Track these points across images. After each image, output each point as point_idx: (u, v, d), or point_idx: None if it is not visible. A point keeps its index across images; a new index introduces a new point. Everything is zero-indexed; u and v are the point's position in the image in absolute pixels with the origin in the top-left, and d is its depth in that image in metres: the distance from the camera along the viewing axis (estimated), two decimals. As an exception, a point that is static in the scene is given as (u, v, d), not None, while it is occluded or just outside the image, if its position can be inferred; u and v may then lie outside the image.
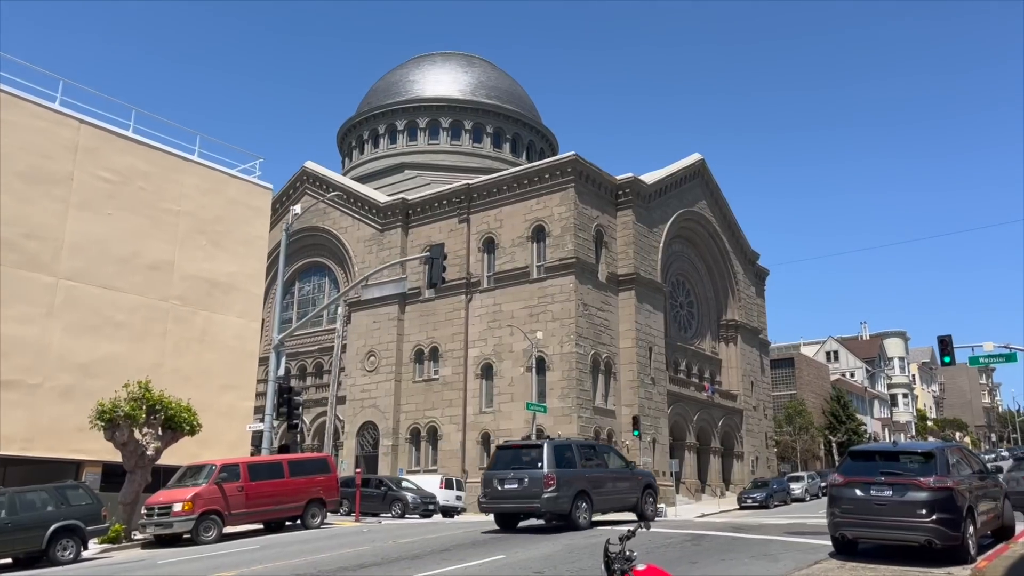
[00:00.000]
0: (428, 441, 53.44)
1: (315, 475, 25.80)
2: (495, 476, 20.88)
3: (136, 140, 29.52)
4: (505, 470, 20.82)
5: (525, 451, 21.51)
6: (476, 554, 15.20)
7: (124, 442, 23.48)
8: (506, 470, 20.80)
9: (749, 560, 13.88)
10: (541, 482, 19.93)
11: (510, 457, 21.43)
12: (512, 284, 52.29)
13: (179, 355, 29.28)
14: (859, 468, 14.34)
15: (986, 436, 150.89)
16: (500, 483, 20.57)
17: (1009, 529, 16.17)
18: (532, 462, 20.56)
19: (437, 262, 26.15)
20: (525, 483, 20.12)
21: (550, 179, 52.02)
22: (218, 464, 23.72)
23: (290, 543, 19.62)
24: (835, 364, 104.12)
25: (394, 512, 36.54)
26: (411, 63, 78.42)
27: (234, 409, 30.80)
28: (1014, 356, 35.46)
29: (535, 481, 20.02)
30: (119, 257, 28.15)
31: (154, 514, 22.63)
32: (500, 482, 20.58)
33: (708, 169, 64.55)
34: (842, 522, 13.88)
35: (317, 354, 61.56)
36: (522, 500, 20.17)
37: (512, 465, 20.90)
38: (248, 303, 32.09)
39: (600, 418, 49.43)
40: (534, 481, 20.04)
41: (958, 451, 15.29)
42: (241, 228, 32.34)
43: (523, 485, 20.11)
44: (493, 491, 20.72)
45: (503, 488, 20.49)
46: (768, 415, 69.91)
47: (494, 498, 20.79)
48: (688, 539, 16.67)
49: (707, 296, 65.24)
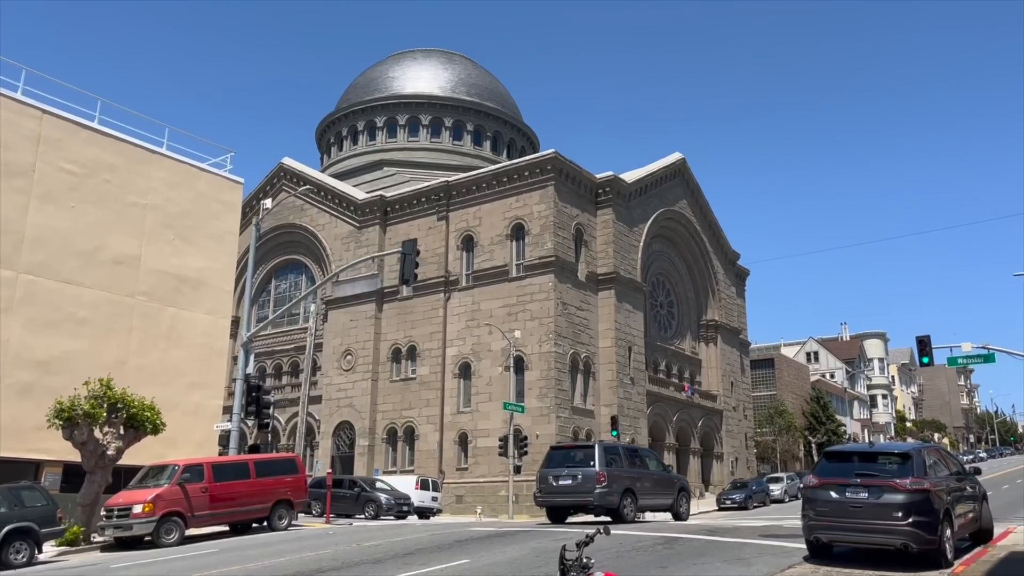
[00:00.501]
0: (405, 441, 52.78)
1: (282, 476, 25.14)
2: (549, 473, 22.84)
3: (101, 131, 28.69)
4: (559, 468, 22.76)
5: (576, 451, 23.79)
6: (440, 558, 14.65)
7: (83, 441, 22.71)
8: (560, 468, 22.74)
9: (721, 564, 13.43)
10: (594, 479, 21.85)
11: (562, 456, 23.55)
12: (491, 283, 51.74)
13: (144, 352, 28.48)
14: (834, 469, 13.95)
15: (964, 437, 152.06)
16: (555, 479, 22.55)
17: (987, 532, 15.84)
18: (584, 461, 22.59)
19: (409, 258, 25.56)
20: (579, 479, 22.07)
21: (530, 177, 51.52)
22: (181, 464, 23.01)
23: (252, 546, 18.99)
24: (815, 365, 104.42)
25: (367, 513, 35.88)
26: (391, 59, 77.68)
27: (202, 408, 30.04)
28: (992, 357, 35.36)
29: (588, 478, 21.94)
30: (82, 251, 27.32)
31: (113, 516, 21.90)
32: (555, 479, 22.55)
33: (689, 168, 64.31)
34: (816, 525, 13.47)
35: (293, 353, 60.70)
36: (575, 495, 22.14)
37: (564, 464, 22.89)
38: (218, 299, 31.31)
39: (579, 418, 48.99)
40: (587, 478, 21.94)
41: (935, 452, 14.94)
42: (211, 223, 31.56)
43: (576, 481, 22.07)
44: (548, 487, 22.64)
45: (557, 484, 22.46)
46: (748, 416, 69.79)
47: (548, 493, 22.74)
48: (661, 542, 16.21)
49: (687, 296, 64.99)
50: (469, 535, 18.77)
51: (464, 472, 49.54)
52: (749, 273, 73.42)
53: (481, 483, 48.18)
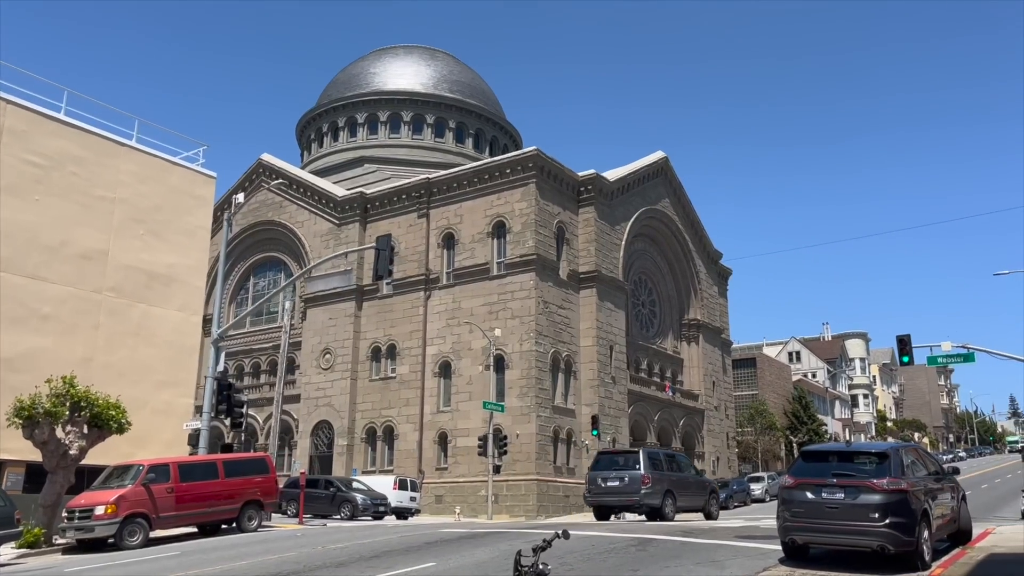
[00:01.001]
0: (384, 441, 52.19)
1: (252, 476, 24.56)
2: (598, 476, 25.03)
3: (68, 123, 27.93)
4: (607, 471, 24.93)
5: (623, 456, 26.15)
6: (405, 561, 14.18)
7: (44, 441, 22.02)
8: (607, 471, 24.89)
9: (694, 567, 13.04)
10: (639, 481, 23.91)
11: (609, 461, 25.85)
12: (472, 281, 51.23)
13: (112, 350, 27.77)
14: (810, 469, 13.61)
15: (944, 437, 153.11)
16: (603, 481, 24.74)
17: (966, 533, 15.55)
18: (630, 465, 24.70)
19: (384, 253, 25.02)
20: (625, 481, 24.19)
21: (511, 174, 51.05)
22: (146, 464, 22.38)
23: (215, 548, 18.43)
24: (797, 365, 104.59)
25: (343, 514, 35.33)
26: (373, 55, 76.95)
27: (172, 407, 29.37)
28: (972, 356, 35.27)
29: (634, 480, 24.02)
30: (47, 245, 26.58)
31: (75, 517, 21.25)
32: (603, 480, 24.75)
33: (671, 167, 64.05)
34: (792, 526, 13.12)
35: (272, 351, 59.85)
36: (622, 495, 24.27)
37: (611, 467, 25.08)
38: (189, 296, 30.62)
39: (559, 417, 48.60)
40: (633, 480, 24.03)
41: (913, 452, 14.64)
42: (183, 218, 30.85)
43: (624, 483, 24.19)
44: (597, 488, 24.89)
45: (606, 485, 24.62)
46: (730, 415, 69.65)
47: (597, 494, 24.96)
48: (634, 544, 15.80)
49: (669, 295, 64.74)
50: (439, 537, 18.30)
51: (444, 472, 49.04)
52: (731, 273, 73.32)
53: (461, 483, 47.70)
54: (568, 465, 48.63)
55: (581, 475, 49.36)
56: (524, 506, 44.80)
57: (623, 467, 24.71)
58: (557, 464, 47.68)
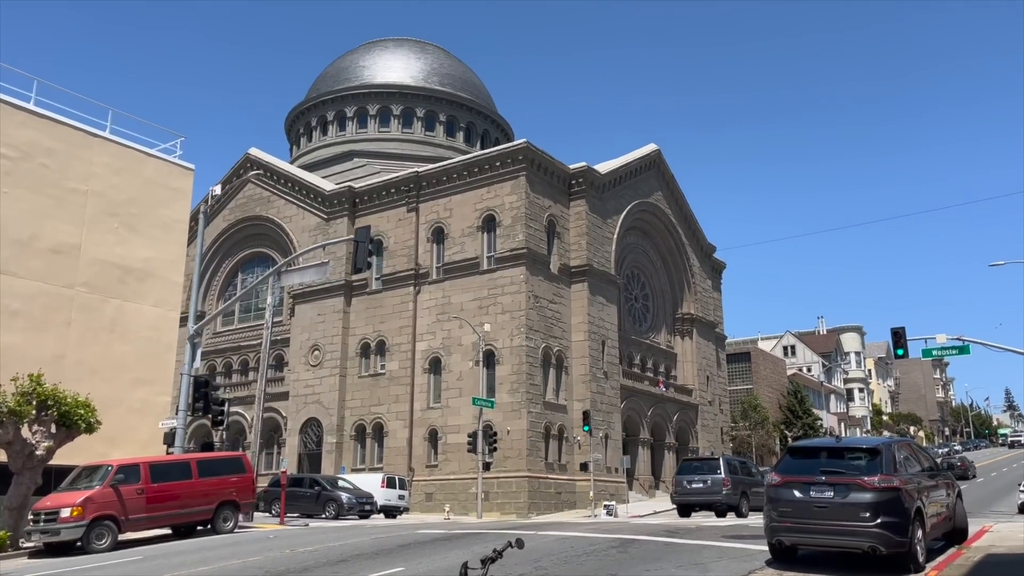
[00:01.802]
0: (374, 438, 51.46)
1: (227, 476, 23.82)
2: (683, 479, 29.70)
3: (38, 113, 27.06)
4: (691, 475, 29.51)
5: (704, 462, 31.14)
6: (374, 566, 13.46)
7: (9, 441, 21.24)
8: (692, 475, 29.47)
9: (676, 571, 12.35)
10: (721, 483, 28.32)
11: (693, 466, 30.56)
12: (462, 275, 50.48)
13: (84, 347, 26.95)
14: (798, 466, 12.92)
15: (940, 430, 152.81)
16: (688, 483, 29.29)
17: (962, 532, 14.88)
18: (712, 469, 29.27)
19: (362, 245, 24.27)
20: (708, 484, 28.54)
21: (501, 167, 50.28)
22: (115, 465, 21.63)
23: (181, 552, 17.69)
24: (792, 359, 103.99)
25: (328, 513, 34.68)
26: (362, 48, 76.02)
27: (149, 405, 28.57)
28: (967, 348, 34.63)
29: (716, 483, 28.39)
30: (15, 239, 25.73)
31: (41, 520, 20.52)
32: (688, 483, 29.29)
33: (664, 160, 63.30)
34: (779, 527, 12.43)
35: (260, 348, 59.03)
36: (705, 495, 28.52)
37: (695, 472, 29.60)
38: (166, 291, 29.79)
39: (551, 413, 47.90)
40: (715, 483, 28.39)
41: (907, 447, 13.94)
42: (159, 211, 30.01)
43: (707, 485, 28.51)
44: (683, 489, 29.37)
45: (691, 487, 29.10)
46: (724, 410, 69.03)
47: (683, 494, 29.37)
48: (615, 545, 15.10)
49: (662, 289, 64.03)
50: (415, 539, 17.58)
51: (434, 469, 48.34)
52: (725, 266, 72.66)
53: (451, 480, 47.00)
54: (560, 461, 47.94)
55: (573, 471, 48.77)
56: (515, 503, 44.11)
57: (706, 472, 29.25)
58: (549, 460, 47.00)
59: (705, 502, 28.79)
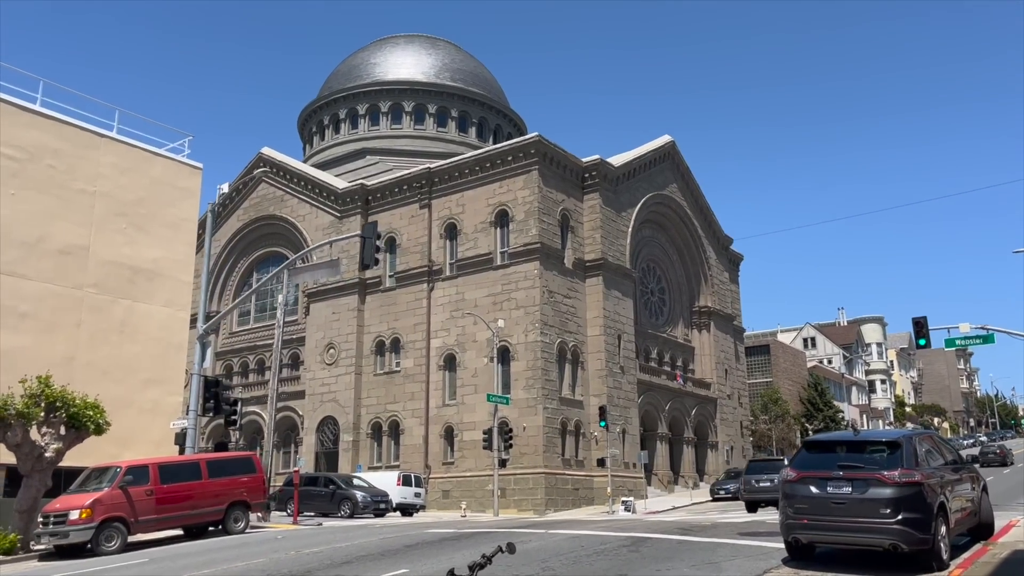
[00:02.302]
0: (390, 436, 51.26)
1: (238, 476, 23.64)
2: (752, 478, 32.74)
3: (44, 114, 26.99)
4: (759, 474, 32.69)
5: (769, 463, 35.13)
6: (377, 567, 13.14)
7: (18, 443, 21.13)
8: (759, 474, 32.67)
9: (689, 570, 11.92)
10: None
11: (759, 466, 34.45)
12: (475, 271, 50.12)
13: (95, 348, 26.87)
14: (815, 461, 12.43)
15: (964, 421, 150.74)
16: (756, 482, 32.13)
17: (988, 527, 14.32)
18: (776, 468, 31.49)
19: (369, 241, 23.96)
20: (775, 482, 28.90)
21: (513, 162, 49.83)
22: (124, 466, 21.49)
23: (187, 554, 17.48)
24: (812, 351, 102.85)
25: (343, 512, 34.50)
26: (374, 46, 75.81)
27: (160, 405, 28.47)
28: (991, 337, 33.88)
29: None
30: (23, 241, 25.67)
31: (50, 523, 20.42)
32: (756, 481, 32.16)
33: (679, 152, 62.56)
34: (796, 524, 11.95)
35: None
36: (772, 492, 29.50)
37: (762, 471, 32.80)
38: (175, 291, 29.67)
39: (567, 409, 47.47)
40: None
41: (928, 439, 13.40)
42: (167, 210, 29.88)
43: (773, 484, 29.51)
44: (751, 487, 32.21)
45: (759, 485, 31.78)
46: (743, 403, 68.23)
47: (751, 492, 32.02)
48: (627, 544, 14.68)
49: (679, 282, 63.35)
50: (423, 539, 17.26)
51: (450, 466, 48.08)
52: (743, 258, 71.82)
53: (467, 477, 46.72)
54: (577, 457, 47.51)
55: (591, 467, 48.32)
56: (532, 500, 43.74)
57: (772, 471, 31.68)
58: (565, 456, 46.57)
59: (772, 499, 30.30)
